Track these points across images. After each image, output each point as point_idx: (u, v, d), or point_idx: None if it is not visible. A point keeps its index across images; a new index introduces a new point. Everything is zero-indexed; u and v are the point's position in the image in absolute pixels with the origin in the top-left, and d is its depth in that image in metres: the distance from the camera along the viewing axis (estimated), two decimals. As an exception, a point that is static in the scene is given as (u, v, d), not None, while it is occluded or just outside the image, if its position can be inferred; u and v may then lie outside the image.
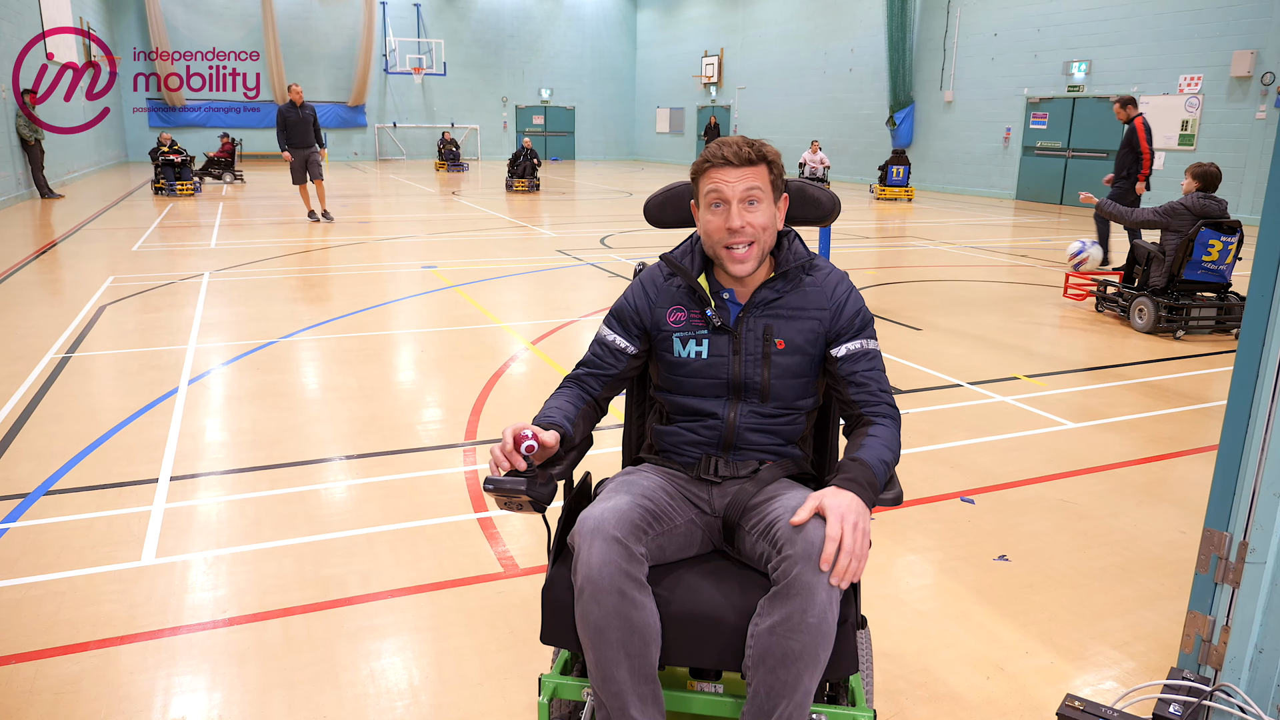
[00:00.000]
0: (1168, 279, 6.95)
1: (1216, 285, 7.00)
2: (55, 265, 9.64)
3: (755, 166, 1.91)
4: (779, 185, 1.97)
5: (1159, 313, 6.89)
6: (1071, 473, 4.13)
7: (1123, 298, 7.44)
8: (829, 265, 2.06)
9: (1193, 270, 6.84)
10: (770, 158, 1.94)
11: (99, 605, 2.87)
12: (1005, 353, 6.36)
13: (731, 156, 1.90)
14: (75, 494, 3.72)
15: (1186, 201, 6.82)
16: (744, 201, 1.90)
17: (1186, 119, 16.04)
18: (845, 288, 2.02)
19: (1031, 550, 3.37)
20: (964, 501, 3.79)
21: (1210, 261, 6.79)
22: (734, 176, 1.90)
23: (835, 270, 2.05)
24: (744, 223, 1.90)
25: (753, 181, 1.90)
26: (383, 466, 4.08)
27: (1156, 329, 6.94)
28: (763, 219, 1.92)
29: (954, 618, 2.91)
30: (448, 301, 7.92)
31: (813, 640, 1.63)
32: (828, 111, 25.20)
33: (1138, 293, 7.19)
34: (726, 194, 1.90)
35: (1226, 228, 6.73)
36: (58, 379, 5.35)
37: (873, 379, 1.97)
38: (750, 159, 1.90)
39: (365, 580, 3.06)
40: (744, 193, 1.89)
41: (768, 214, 1.93)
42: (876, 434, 1.90)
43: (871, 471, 1.79)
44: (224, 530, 3.43)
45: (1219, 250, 6.76)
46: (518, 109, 33.92)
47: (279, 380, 5.40)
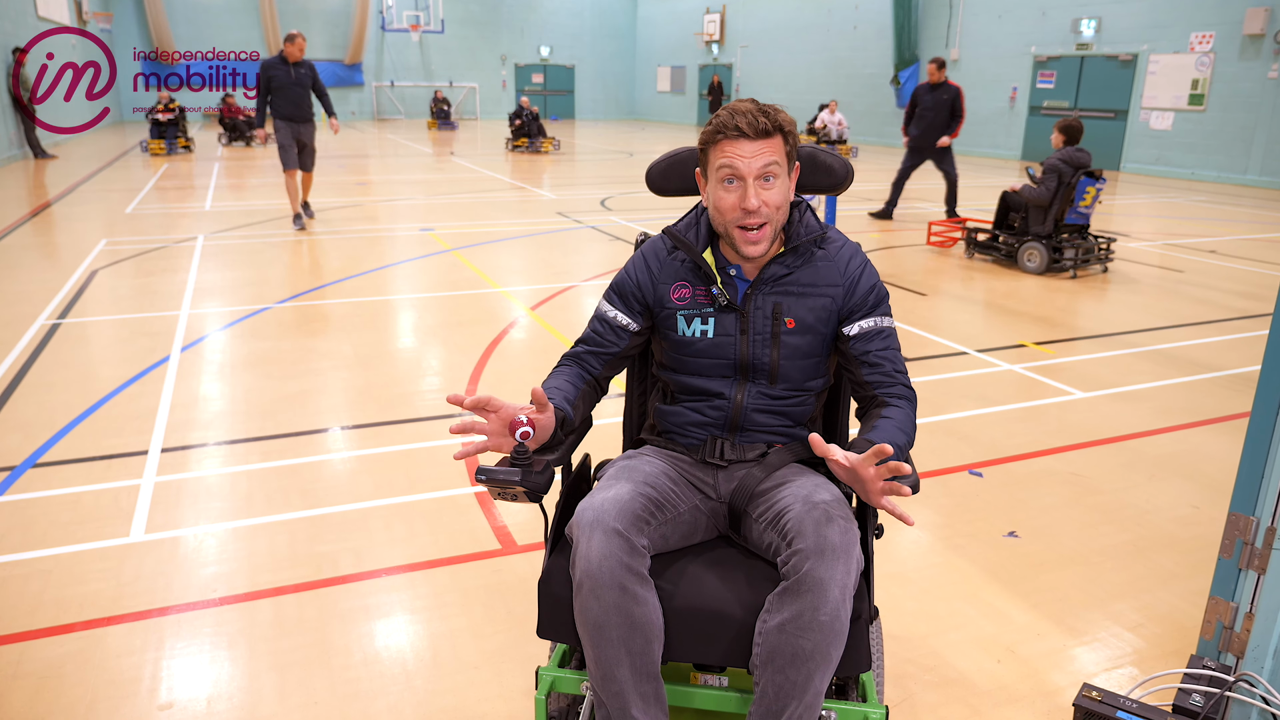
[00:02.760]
0: (1054, 224, 7.69)
1: (1082, 226, 7.85)
2: (48, 228, 9.49)
3: (771, 139, 1.75)
4: (793, 156, 1.83)
5: (1050, 255, 7.66)
6: (1082, 444, 4.04)
7: (1002, 244, 8.09)
8: (842, 238, 1.92)
9: (1070, 215, 7.69)
10: (786, 127, 1.78)
11: (86, 584, 2.80)
12: (1013, 319, 6.25)
13: (746, 128, 1.72)
14: (63, 466, 3.64)
15: (1063, 156, 7.51)
16: (760, 179, 1.75)
17: (1197, 78, 15.74)
18: (859, 262, 1.89)
19: (1042, 526, 3.29)
20: (972, 475, 3.71)
21: (1084, 206, 7.67)
22: (749, 151, 1.73)
23: (849, 243, 1.92)
24: (760, 202, 1.75)
25: (770, 157, 1.74)
26: (377, 438, 3.99)
27: (1047, 270, 7.73)
28: (778, 197, 1.77)
29: (963, 597, 2.83)
30: (445, 265, 7.79)
31: (824, 639, 1.54)
32: (831, 70, 24.79)
33: (1022, 239, 7.86)
34: (741, 170, 1.74)
35: (1098, 175, 7.64)
36: (48, 346, 5.25)
37: (887, 359, 1.85)
38: (766, 130, 1.74)
39: (358, 558, 2.98)
40: (760, 169, 1.74)
41: (783, 191, 1.79)
42: (891, 415, 1.78)
43: (900, 450, 1.70)
44: (214, 505, 3.35)
45: (1092, 196, 7.63)
46: (517, 67, 33.41)
47: (273, 347, 5.30)
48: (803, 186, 2.00)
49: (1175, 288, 7.35)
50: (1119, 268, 8.17)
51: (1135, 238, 9.84)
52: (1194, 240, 9.72)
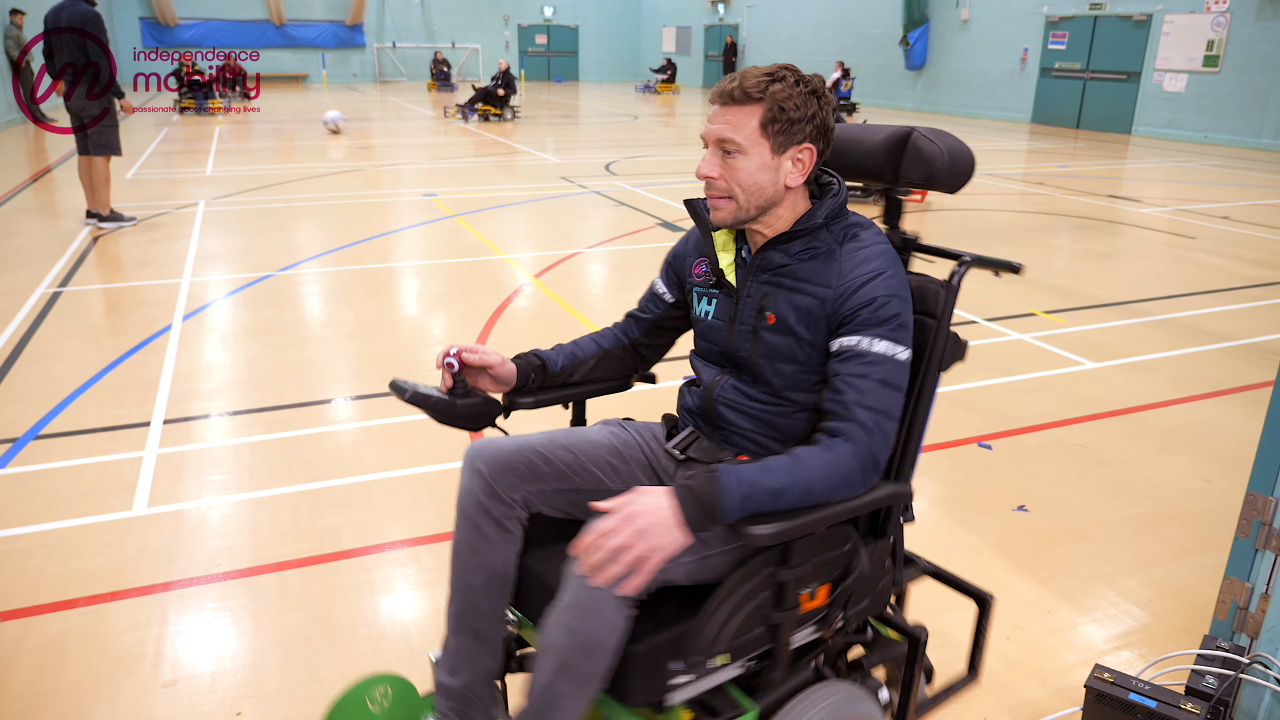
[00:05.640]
0: None
1: None
2: (47, 194, 9.42)
3: (740, 107, 1.55)
4: (788, 131, 1.56)
5: None
6: (1092, 416, 4.00)
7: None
8: (876, 239, 1.62)
9: None
10: (773, 96, 1.53)
11: (89, 559, 2.78)
12: (1021, 286, 6.17)
13: (717, 92, 1.58)
14: (65, 438, 3.62)
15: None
16: (719, 148, 1.58)
17: (1212, 38, 15.46)
18: (869, 270, 1.56)
19: (1051, 500, 3.26)
20: (981, 447, 3.67)
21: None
22: (717, 118, 1.58)
23: (876, 248, 1.59)
24: (714, 174, 1.59)
25: (728, 133, 1.56)
26: (381, 409, 3.96)
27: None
28: (742, 175, 1.57)
29: (971, 572, 2.79)
30: (449, 232, 7.71)
31: (561, 639, 1.38)
32: (839, 30, 24.41)
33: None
34: (705, 136, 1.61)
35: None
36: (49, 315, 5.21)
37: (853, 387, 1.50)
38: (734, 97, 1.55)
39: (362, 532, 2.96)
40: (717, 137, 1.58)
41: (750, 169, 1.57)
42: (800, 456, 1.44)
43: (720, 489, 1.36)
44: (217, 478, 3.33)
45: None
46: (520, 28, 32.99)
47: (275, 316, 5.26)
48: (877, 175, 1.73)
49: (1187, 255, 7.26)
50: (1130, 233, 8.07)
51: (1147, 203, 9.71)
52: (1206, 206, 9.59)
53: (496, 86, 17.58)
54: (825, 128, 1.60)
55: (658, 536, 1.33)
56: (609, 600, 1.35)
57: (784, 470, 1.41)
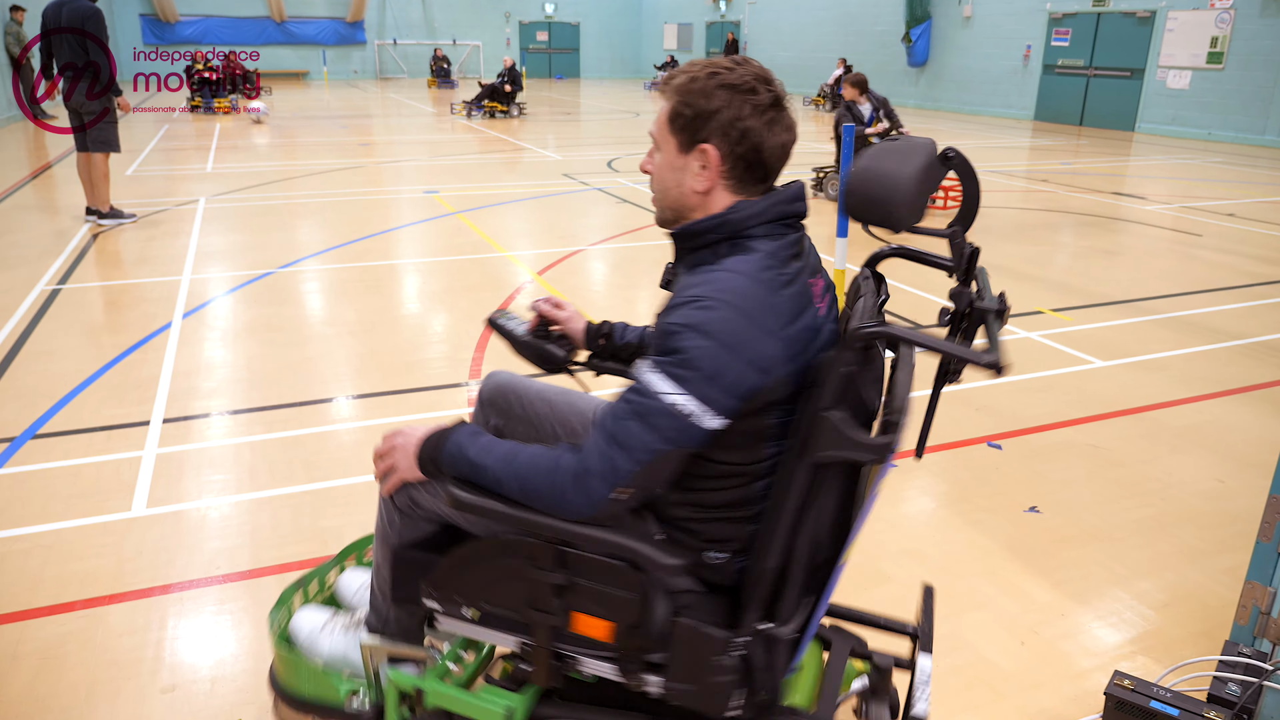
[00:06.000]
0: None
1: None
2: (46, 191, 9.38)
3: (662, 98, 1.47)
4: (691, 127, 1.41)
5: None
6: (1102, 415, 3.95)
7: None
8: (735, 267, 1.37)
9: None
10: (679, 88, 1.42)
11: (87, 560, 2.74)
12: (1028, 284, 6.13)
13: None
14: (63, 438, 3.57)
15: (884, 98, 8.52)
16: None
17: (1216, 35, 15.40)
18: (688, 295, 1.34)
19: (1062, 500, 3.21)
20: (991, 447, 3.63)
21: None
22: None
23: (722, 275, 1.36)
24: (646, 168, 1.52)
25: (651, 127, 1.50)
26: (383, 408, 3.91)
27: None
28: (656, 172, 1.50)
29: (983, 575, 2.76)
30: (450, 229, 7.67)
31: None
32: (841, 27, 24.36)
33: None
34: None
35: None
36: (48, 312, 5.17)
37: (609, 408, 1.37)
38: (660, 88, 1.48)
39: (365, 533, 2.91)
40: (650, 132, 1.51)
41: (661, 166, 1.48)
42: (530, 448, 1.43)
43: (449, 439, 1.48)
44: (217, 478, 3.28)
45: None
46: (521, 24, 32.92)
47: (276, 314, 5.21)
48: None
49: (1193, 252, 7.21)
50: (1135, 230, 8.02)
51: (1152, 200, 9.66)
52: (1211, 203, 9.54)
53: (503, 83, 17.57)
54: (735, 126, 1.38)
55: (400, 459, 1.57)
56: (383, 500, 1.69)
57: (505, 449, 1.44)
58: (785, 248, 1.41)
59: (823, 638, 1.79)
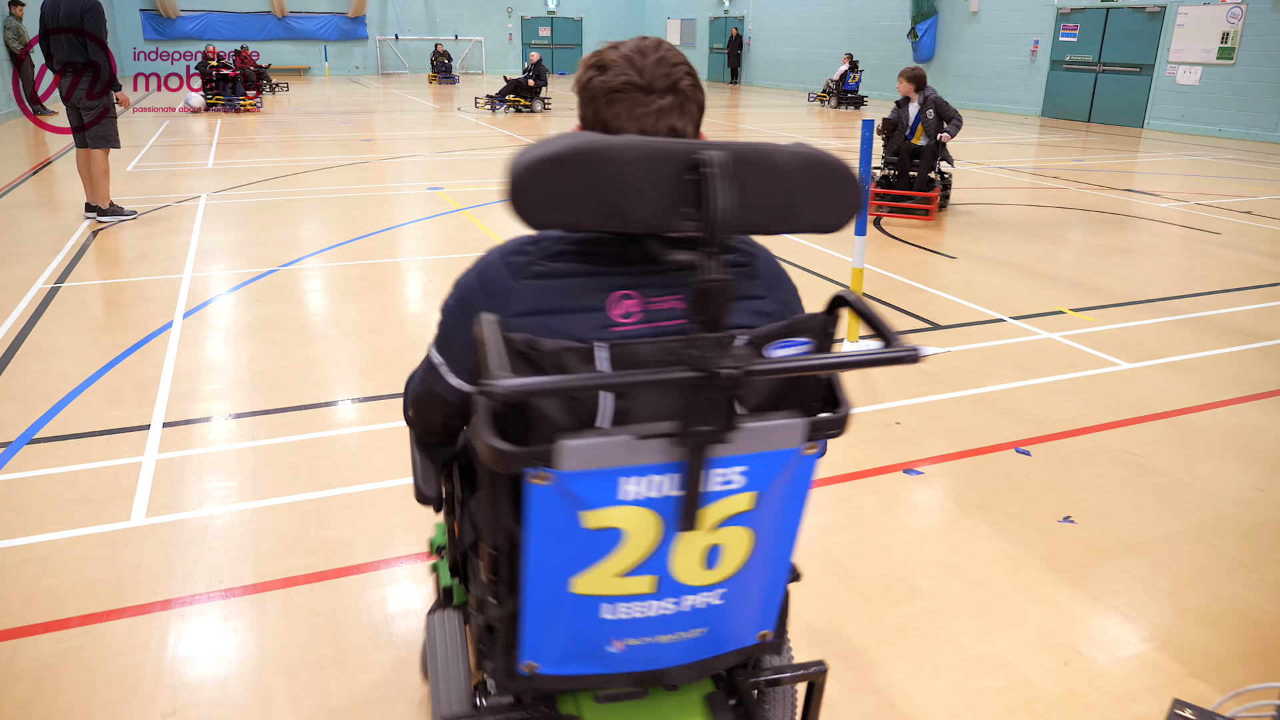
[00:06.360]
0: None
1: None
2: (45, 187, 9.26)
3: None
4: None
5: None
6: (1132, 420, 3.83)
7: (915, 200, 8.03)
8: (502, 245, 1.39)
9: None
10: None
11: (84, 573, 2.62)
12: (1045, 283, 6.01)
13: None
14: (61, 442, 3.46)
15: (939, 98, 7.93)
16: None
17: (1227, 30, 15.24)
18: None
19: (1096, 510, 3.10)
20: (1019, 453, 3.51)
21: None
22: None
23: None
24: None
25: None
26: (389, 411, 3.80)
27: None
28: None
29: (1018, 589, 2.65)
30: (456, 226, 7.55)
31: None
32: (845, 22, 24.18)
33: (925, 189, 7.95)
34: None
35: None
36: (46, 311, 5.05)
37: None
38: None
39: (374, 544, 2.80)
40: None
41: None
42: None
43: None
44: (219, 485, 3.17)
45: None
46: (523, 20, 32.76)
47: (278, 313, 5.10)
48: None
49: (1212, 250, 7.08)
50: (1150, 228, 7.89)
51: (1165, 197, 9.53)
52: (1227, 200, 9.40)
53: (528, 78, 17.57)
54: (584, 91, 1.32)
55: None
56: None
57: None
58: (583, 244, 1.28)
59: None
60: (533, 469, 1.11)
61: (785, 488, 1.24)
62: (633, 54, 1.28)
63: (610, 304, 1.26)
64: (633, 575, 1.23)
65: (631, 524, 1.18)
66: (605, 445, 1.12)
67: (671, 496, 1.17)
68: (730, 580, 1.29)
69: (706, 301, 1.10)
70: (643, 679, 1.36)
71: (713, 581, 1.28)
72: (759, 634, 1.40)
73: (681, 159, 1.11)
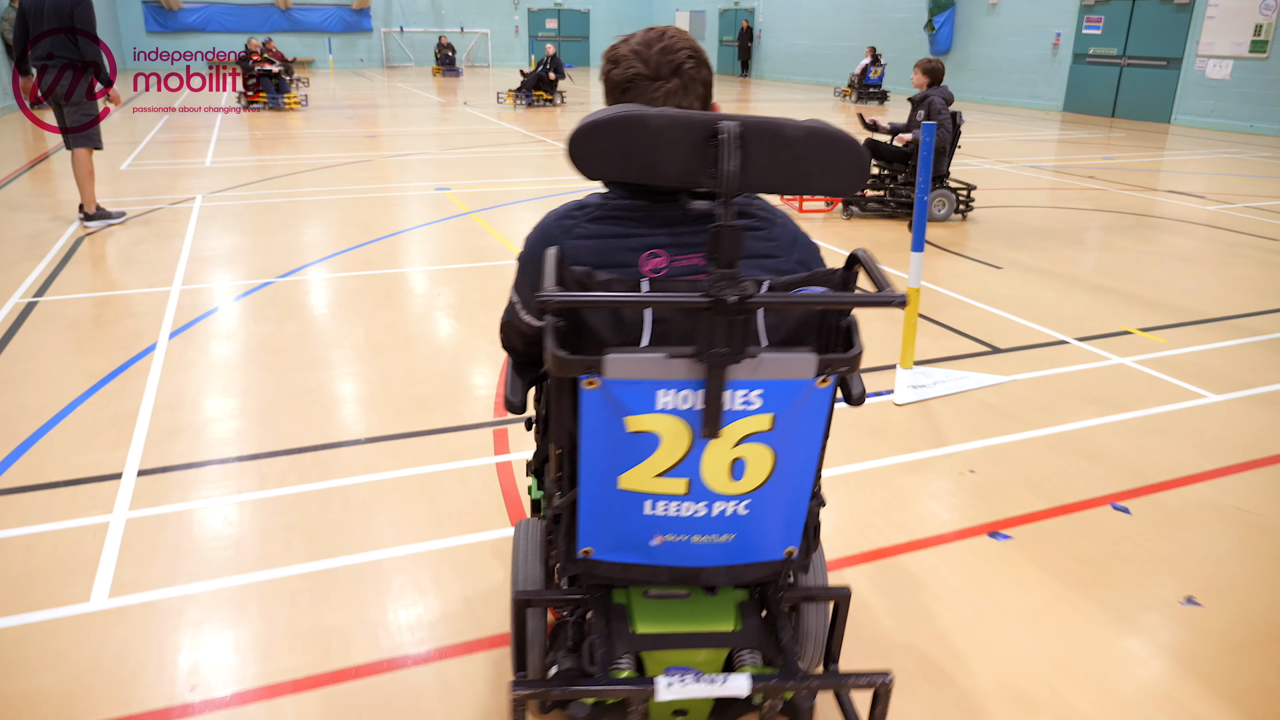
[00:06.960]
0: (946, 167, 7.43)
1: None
2: (33, 188, 8.82)
3: None
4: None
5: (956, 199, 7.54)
6: (1235, 467, 3.37)
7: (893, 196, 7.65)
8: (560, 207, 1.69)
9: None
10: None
11: (29, 678, 2.18)
12: (1104, 297, 5.54)
13: None
14: (20, 495, 3.02)
15: (945, 96, 7.16)
16: None
17: (1260, 23, 14.71)
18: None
19: (1220, 586, 2.65)
20: (1116, 509, 3.06)
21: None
22: None
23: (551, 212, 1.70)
24: None
25: None
26: (395, 456, 3.35)
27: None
28: None
29: (1154, 700, 2.20)
30: (464, 230, 7.10)
31: None
32: (860, 14, 23.65)
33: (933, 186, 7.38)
34: None
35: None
36: (19, 331, 4.62)
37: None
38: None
39: (374, 641, 2.35)
40: None
41: None
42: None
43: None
44: (198, 553, 2.73)
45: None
46: (530, 12, 32.24)
47: (275, 332, 4.66)
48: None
49: (1276, 259, 6.61)
50: (1203, 234, 7.41)
51: (1210, 199, 9.04)
52: (1275, 203, 8.91)
53: (546, 71, 17.21)
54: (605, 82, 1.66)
55: None
56: None
57: None
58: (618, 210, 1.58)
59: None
60: (585, 375, 1.36)
61: (801, 415, 1.44)
62: (640, 46, 1.60)
63: (643, 261, 1.54)
64: (669, 476, 1.46)
65: (666, 430, 1.42)
66: (642, 360, 1.36)
67: (698, 410, 1.40)
68: (755, 494, 1.50)
69: (719, 244, 1.32)
70: (680, 574, 1.59)
71: (739, 492, 1.49)
72: (785, 550, 1.60)
73: (704, 128, 1.35)
